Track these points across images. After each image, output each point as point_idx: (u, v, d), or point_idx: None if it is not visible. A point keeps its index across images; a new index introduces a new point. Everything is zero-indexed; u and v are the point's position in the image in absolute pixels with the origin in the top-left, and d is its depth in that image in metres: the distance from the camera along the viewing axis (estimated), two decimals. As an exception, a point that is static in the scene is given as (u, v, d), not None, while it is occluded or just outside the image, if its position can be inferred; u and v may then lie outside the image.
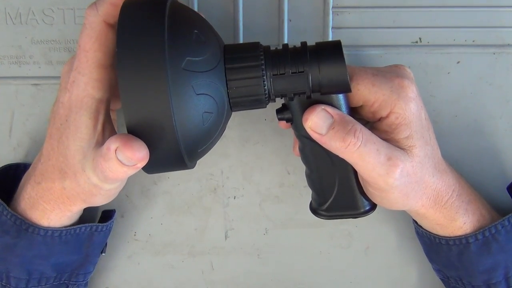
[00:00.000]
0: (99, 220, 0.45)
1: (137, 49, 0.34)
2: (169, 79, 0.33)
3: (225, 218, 0.48)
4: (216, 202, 0.48)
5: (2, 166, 0.45)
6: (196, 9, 0.44)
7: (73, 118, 0.37)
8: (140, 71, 0.33)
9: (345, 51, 0.44)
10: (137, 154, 0.34)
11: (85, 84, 0.36)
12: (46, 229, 0.41)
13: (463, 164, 0.44)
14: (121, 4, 0.36)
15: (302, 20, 0.45)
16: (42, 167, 0.40)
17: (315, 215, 0.42)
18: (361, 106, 0.39)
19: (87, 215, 0.45)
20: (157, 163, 0.36)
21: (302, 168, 0.42)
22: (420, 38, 0.45)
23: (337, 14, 0.45)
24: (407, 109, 0.38)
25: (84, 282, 0.46)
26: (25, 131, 0.46)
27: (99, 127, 0.37)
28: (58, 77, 0.44)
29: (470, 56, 0.46)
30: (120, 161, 0.34)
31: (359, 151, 0.37)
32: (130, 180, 0.46)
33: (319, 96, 0.38)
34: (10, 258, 0.42)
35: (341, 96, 0.38)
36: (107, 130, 0.38)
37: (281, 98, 0.39)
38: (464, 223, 0.41)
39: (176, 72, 0.34)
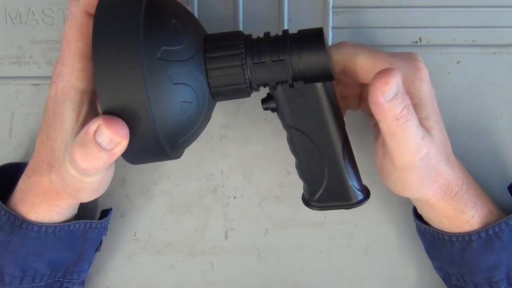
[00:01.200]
0: (98, 219, 0.46)
1: (112, 38, 0.34)
2: (144, 68, 0.33)
3: (225, 218, 0.48)
4: (216, 202, 0.48)
5: (2, 165, 0.45)
6: (196, 10, 0.45)
7: (58, 111, 0.37)
8: (115, 61, 0.33)
9: None
10: (120, 132, 0.33)
11: (68, 75, 0.37)
12: (40, 225, 0.41)
13: (464, 164, 0.43)
14: None
15: (302, 20, 0.45)
16: (33, 161, 0.40)
17: (307, 206, 0.42)
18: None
19: (87, 214, 0.45)
20: (138, 153, 0.36)
21: None
22: (420, 38, 0.45)
23: (337, 14, 0.45)
24: (422, 90, 0.39)
25: (79, 280, 0.46)
26: (25, 131, 0.46)
27: (82, 117, 0.37)
28: None
29: (470, 56, 0.46)
30: (99, 144, 0.34)
31: (406, 124, 0.36)
32: (130, 180, 0.46)
33: (302, 84, 0.37)
34: (4, 255, 0.42)
35: (328, 84, 0.38)
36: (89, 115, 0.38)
37: (264, 87, 0.39)
38: (472, 217, 0.42)
39: (151, 62, 0.34)
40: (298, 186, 0.46)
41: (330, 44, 0.45)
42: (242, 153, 0.47)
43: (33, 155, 0.41)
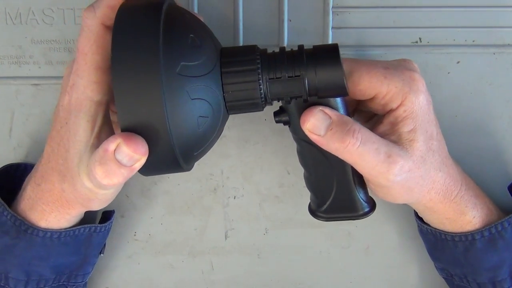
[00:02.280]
0: (99, 221, 0.46)
1: (131, 53, 0.34)
2: (163, 84, 0.34)
3: (225, 218, 0.48)
4: (216, 202, 0.48)
5: (3, 166, 0.45)
6: (196, 10, 0.45)
7: (72, 121, 0.37)
8: (134, 76, 0.34)
9: (345, 51, 0.45)
10: (140, 149, 0.34)
11: (84, 87, 0.37)
12: (45, 231, 0.41)
13: (464, 164, 0.44)
14: (117, 6, 0.36)
15: (302, 20, 0.45)
16: (42, 168, 0.40)
17: (314, 217, 0.42)
18: (371, 99, 0.40)
19: (87, 216, 0.45)
20: (153, 166, 0.36)
21: (302, 168, 0.42)
22: (420, 38, 0.46)
23: (337, 14, 0.45)
24: (416, 102, 0.39)
25: (83, 283, 0.46)
26: (25, 131, 0.46)
27: (96, 129, 0.38)
28: (58, 77, 0.45)
29: (470, 56, 0.46)
30: (119, 162, 0.34)
31: (358, 151, 0.37)
32: (130, 180, 0.46)
33: (316, 99, 0.38)
34: (9, 259, 0.42)
35: (338, 98, 0.38)
36: (104, 133, 0.38)
37: (278, 101, 0.39)
38: (474, 217, 0.42)
39: (170, 77, 0.34)
40: (298, 186, 0.47)
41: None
42: (242, 153, 0.47)
43: (42, 162, 0.41)
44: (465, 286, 0.45)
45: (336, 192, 0.41)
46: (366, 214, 0.42)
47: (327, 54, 0.37)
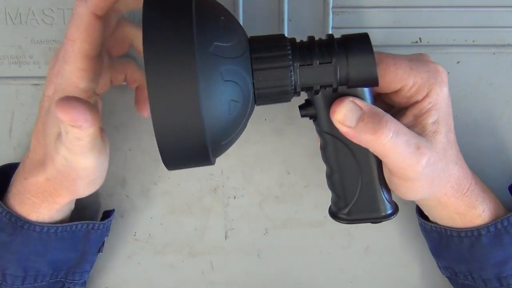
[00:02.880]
0: (100, 220, 0.46)
1: (165, 31, 0.33)
2: (198, 62, 0.33)
3: (225, 218, 0.48)
4: (216, 202, 0.48)
5: (2, 165, 0.46)
6: None
7: (53, 107, 0.37)
8: (168, 55, 0.33)
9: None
10: (73, 114, 0.35)
11: (70, 72, 0.37)
12: (42, 226, 0.41)
13: (463, 164, 0.44)
14: None
15: (302, 20, 0.45)
16: (28, 161, 0.41)
17: (335, 219, 0.41)
18: (396, 91, 0.39)
19: (88, 215, 0.46)
20: (180, 155, 0.35)
21: (302, 168, 0.42)
22: (420, 38, 0.46)
23: (337, 14, 0.45)
24: (441, 94, 0.39)
25: (81, 281, 0.46)
26: (25, 131, 0.46)
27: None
28: None
29: (470, 56, 0.46)
30: (69, 124, 0.35)
31: (390, 142, 0.37)
32: (130, 180, 0.47)
33: (345, 89, 0.37)
34: (6, 255, 0.43)
35: (366, 89, 0.37)
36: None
37: (306, 92, 0.38)
38: (483, 210, 0.42)
39: (204, 56, 0.33)
40: (298, 186, 0.47)
41: None
42: (242, 153, 0.47)
43: (29, 155, 0.41)
44: (470, 283, 0.45)
45: (361, 192, 0.40)
46: (389, 216, 0.40)
47: (359, 42, 0.37)
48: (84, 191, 0.40)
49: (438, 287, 0.49)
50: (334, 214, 0.41)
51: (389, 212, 0.40)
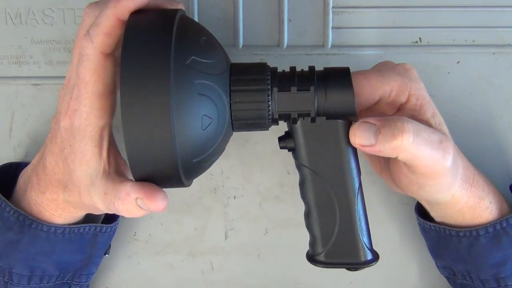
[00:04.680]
0: (102, 220, 0.47)
1: (144, 43, 0.34)
2: (172, 71, 0.33)
3: (225, 218, 0.49)
4: (216, 202, 0.48)
5: (3, 164, 0.46)
6: (196, 10, 0.46)
7: (77, 146, 0.39)
8: (144, 62, 0.34)
9: (345, 51, 0.46)
10: (157, 205, 0.36)
11: (87, 113, 0.38)
12: (50, 225, 0.42)
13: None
14: (115, 32, 0.37)
15: (302, 20, 0.46)
16: (47, 178, 0.41)
17: (311, 263, 0.40)
18: (379, 101, 0.40)
19: (91, 216, 0.46)
20: (147, 168, 0.36)
21: None
22: (420, 38, 0.46)
23: (337, 14, 0.45)
24: (421, 88, 0.40)
25: (87, 283, 0.47)
26: (25, 131, 0.47)
27: (104, 154, 0.39)
28: (58, 77, 0.46)
29: (470, 56, 0.47)
30: (139, 206, 0.37)
31: (415, 143, 0.37)
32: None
33: (324, 120, 0.37)
34: (13, 254, 0.43)
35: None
36: (112, 156, 0.40)
37: (285, 122, 0.39)
38: (490, 202, 0.42)
39: (179, 66, 0.34)
40: (298, 186, 0.46)
41: (330, 44, 0.46)
42: (242, 153, 0.48)
43: (46, 172, 0.41)
44: (468, 283, 0.45)
45: (339, 232, 0.39)
46: (369, 263, 0.39)
47: (339, 76, 0.38)
48: (102, 212, 0.42)
49: (437, 286, 0.50)
50: (311, 257, 0.40)
51: (369, 258, 0.39)
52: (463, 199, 0.42)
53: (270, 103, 0.37)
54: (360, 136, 0.37)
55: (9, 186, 0.45)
